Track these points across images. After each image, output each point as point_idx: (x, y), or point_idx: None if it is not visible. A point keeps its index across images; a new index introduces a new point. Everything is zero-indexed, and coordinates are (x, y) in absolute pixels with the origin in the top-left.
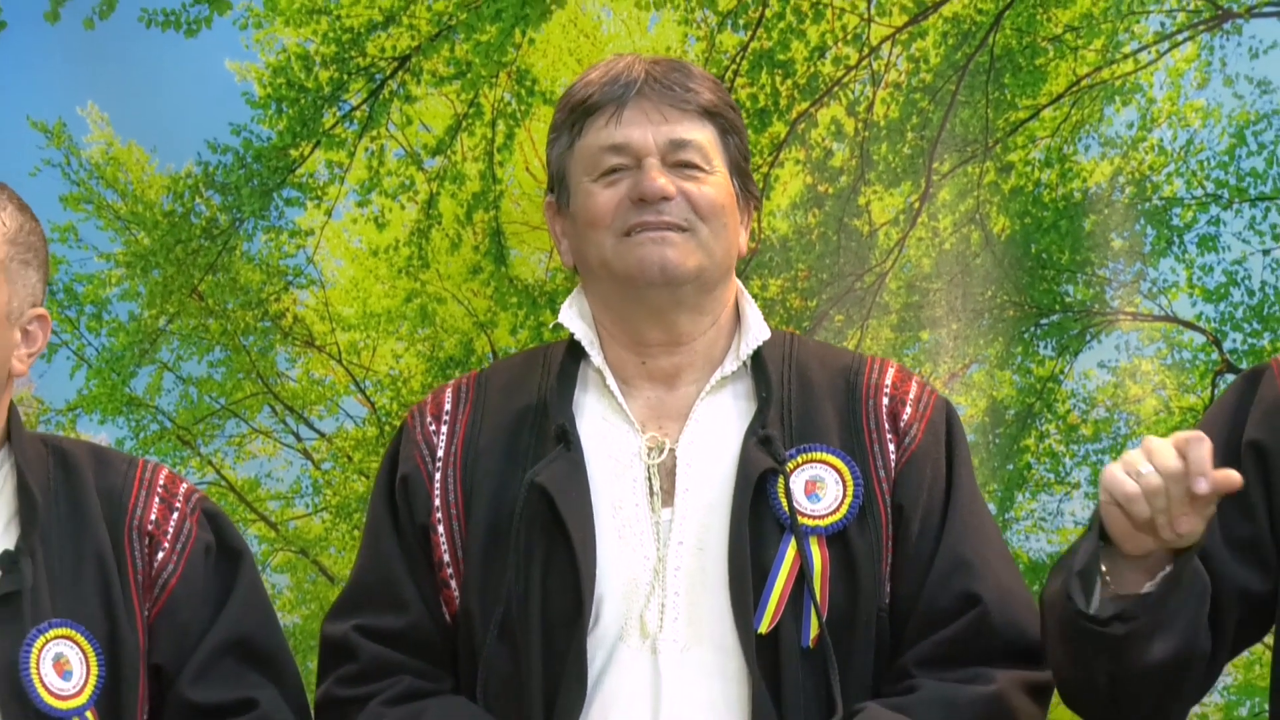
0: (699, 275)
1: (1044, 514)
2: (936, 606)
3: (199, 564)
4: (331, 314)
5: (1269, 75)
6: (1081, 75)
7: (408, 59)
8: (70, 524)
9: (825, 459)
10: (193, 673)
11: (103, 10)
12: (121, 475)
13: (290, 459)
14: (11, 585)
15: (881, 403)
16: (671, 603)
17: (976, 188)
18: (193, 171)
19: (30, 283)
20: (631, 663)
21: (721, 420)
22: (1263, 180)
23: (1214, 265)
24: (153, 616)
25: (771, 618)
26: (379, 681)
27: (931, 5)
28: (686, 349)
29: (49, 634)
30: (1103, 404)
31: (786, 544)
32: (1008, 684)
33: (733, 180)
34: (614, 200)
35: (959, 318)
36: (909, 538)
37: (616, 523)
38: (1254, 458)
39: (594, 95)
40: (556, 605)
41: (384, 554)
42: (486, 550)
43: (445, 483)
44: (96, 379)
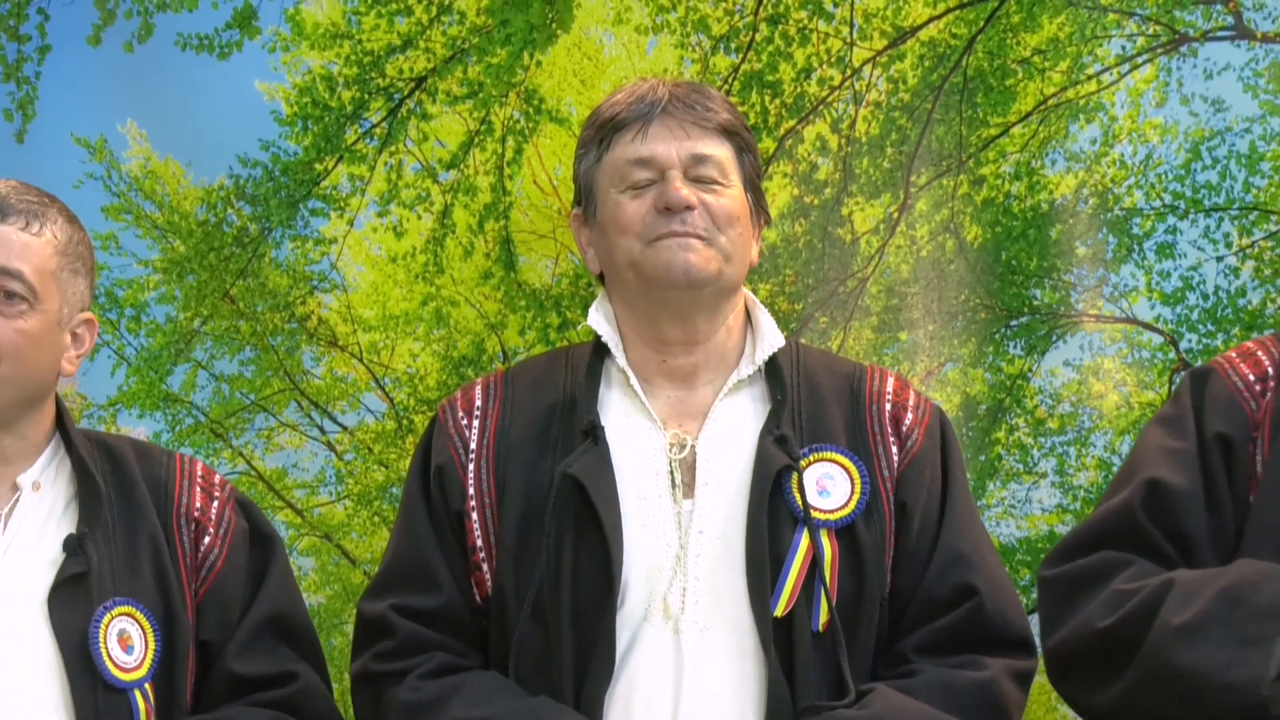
0: (718, 279)
1: (1013, 502)
2: (935, 596)
3: (240, 548)
4: (353, 316)
5: (1222, 95)
6: (1048, 95)
7: (424, 80)
8: (124, 511)
9: (835, 458)
10: (237, 647)
11: (141, 35)
12: (164, 467)
13: (315, 450)
14: (79, 566)
15: (885, 409)
16: (692, 586)
17: (951, 199)
18: (225, 184)
19: (79, 290)
20: (655, 641)
21: (738, 420)
22: (1216, 192)
23: (1171, 271)
24: (200, 596)
25: (787, 602)
26: (415, 657)
27: (909, 30)
28: (703, 348)
29: (114, 611)
30: (1068, 400)
31: (800, 535)
32: (998, 670)
33: (747, 194)
34: (641, 210)
35: (935, 319)
36: (910, 533)
37: (641, 512)
38: (1221, 450)
39: (621, 114)
40: (587, 586)
41: (419, 539)
42: (520, 535)
43: (479, 472)
44: (136, 376)
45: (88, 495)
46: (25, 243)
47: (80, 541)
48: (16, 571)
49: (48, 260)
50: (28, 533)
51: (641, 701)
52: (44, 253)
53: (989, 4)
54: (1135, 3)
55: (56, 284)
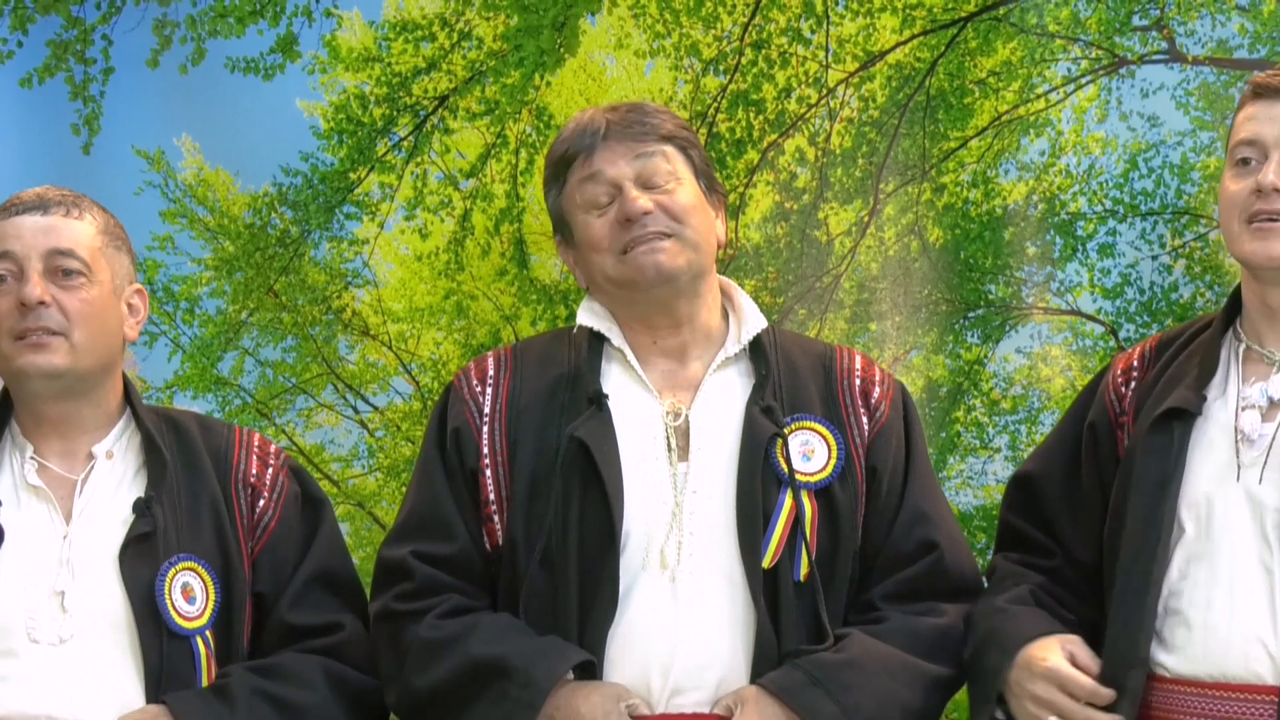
0: (689, 269)
1: (971, 474)
2: (900, 551)
3: (292, 510)
4: (383, 308)
5: (1157, 112)
6: (1002, 112)
7: (446, 98)
8: (187, 477)
9: (814, 427)
10: (289, 599)
11: (194, 58)
12: (224, 438)
13: (349, 428)
14: (147, 526)
15: (855, 384)
16: (687, 540)
17: (915, 205)
18: (269, 191)
19: (124, 264)
20: (653, 588)
21: (726, 392)
22: (1152, 199)
23: (1111, 269)
24: (255, 553)
25: (774, 555)
26: (432, 598)
27: (878, 54)
28: (688, 327)
29: (178, 566)
30: (1019, 383)
31: (785, 495)
32: (955, 617)
33: (699, 183)
34: (607, 226)
35: (901, 312)
36: (879, 494)
37: (640, 472)
38: (1090, 438)
39: (570, 148)
40: (591, 537)
41: (436, 493)
42: (530, 491)
43: (492, 434)
44: (190, 362)
45: (154, 463)
46: (72, 227)
47: (148, 504)
48: (91, 531)
49: (94, 239)
50: (101, 497)
51: (640, 641)
52: (89, 233)
53: (949, 31)
54: (1079, 29)
55: (105, 259)
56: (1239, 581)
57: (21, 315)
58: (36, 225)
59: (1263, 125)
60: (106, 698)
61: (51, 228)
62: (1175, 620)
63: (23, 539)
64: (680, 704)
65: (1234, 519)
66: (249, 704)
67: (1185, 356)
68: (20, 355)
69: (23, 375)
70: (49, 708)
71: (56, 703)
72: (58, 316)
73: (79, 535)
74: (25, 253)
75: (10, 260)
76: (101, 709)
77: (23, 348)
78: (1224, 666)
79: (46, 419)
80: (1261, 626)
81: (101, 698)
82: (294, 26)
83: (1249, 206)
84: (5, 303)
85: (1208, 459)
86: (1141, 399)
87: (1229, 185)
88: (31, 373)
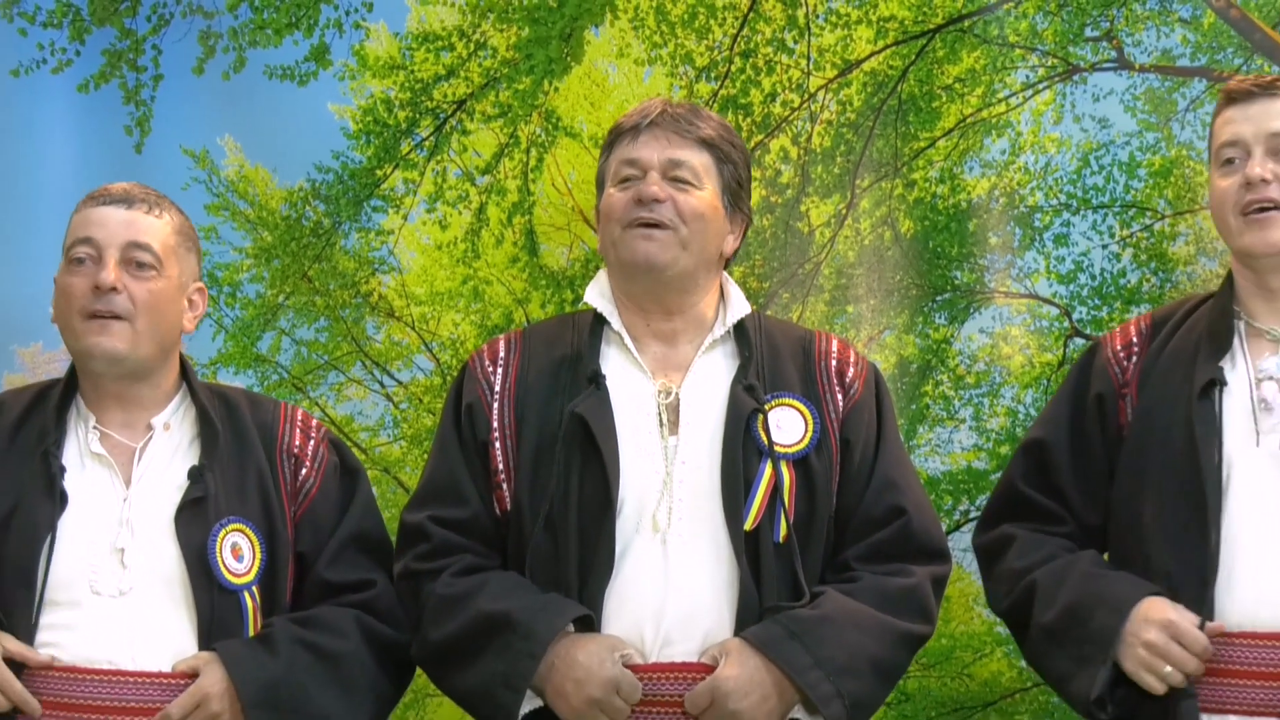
0: (675, 264)
1: (938, 443)
2: (871, 516)
3: (331, 478)
4: (407, 292)
5: (1107, 114)
6: (966, 115)
7: (464, 102)
8: (236, 447)
9: (792, 404)
10: (327, 558)
11: (236, 66)
12: (270, 412)
13: (376, 401)
14: (200, 492)
15: (831, 365)
16: (677, 506)
17: (888, 199)
18: (303, 186)
19: (191, 264)
20: (646, 550)
21: (714, 372)
22: (1102, 193)
23: (1066, 257)
24: (298, 516)
25: (755, 518)
26: (447, 558)
27: (855, 62)
28: (679, 316)
29: (228, 527)
30: (982, 360)
31: (765, 465)
32: (922, 577)
33: (723, 197)
34: (624, 200)
35: (875, 296)
36: (852, 464)
37: (634, 445)
38: (1097, 407)
39: (625, 123)
40: (590, 503)
41: (451, 463)
42: (535, 462)
43: (502, 410)
44: (232, 341)
45: (207, 435)
46: (151, 223)
47: (200, 472)
48: (149, 494)
49: (169, 238)
50: (159, 464)
51: (634, 597)
52: (165, 232)
53: (919, 41)
54: (1036, 40)
55: (176, 258)
56: (1265, 538)
57: (94, 297)
58: (120, 218)
59: (1241, 126)
60: (162, 646)
61: (133, 222)
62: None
63: (86, 501)
64: (670, 654)
65: (1256, 481)
66: (290, 651)
67: (1184, 332)
68: (88, 335)
69: (87, 355)
70: (109, 654)
71: (116, 650)
72: (126, 303)
73: (138, 498)
74: (107, 241)
75: (92, 245)
76: (157, 656)
77: (90, 327)
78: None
79: (109, 394)
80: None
81: (157, 646)
82: (326, 37)
83: (1240, 199)
84: (82, 282)
85: (1230, 426)
86: (1145, 372)
87: (1219, 184)
88: (96, 354)
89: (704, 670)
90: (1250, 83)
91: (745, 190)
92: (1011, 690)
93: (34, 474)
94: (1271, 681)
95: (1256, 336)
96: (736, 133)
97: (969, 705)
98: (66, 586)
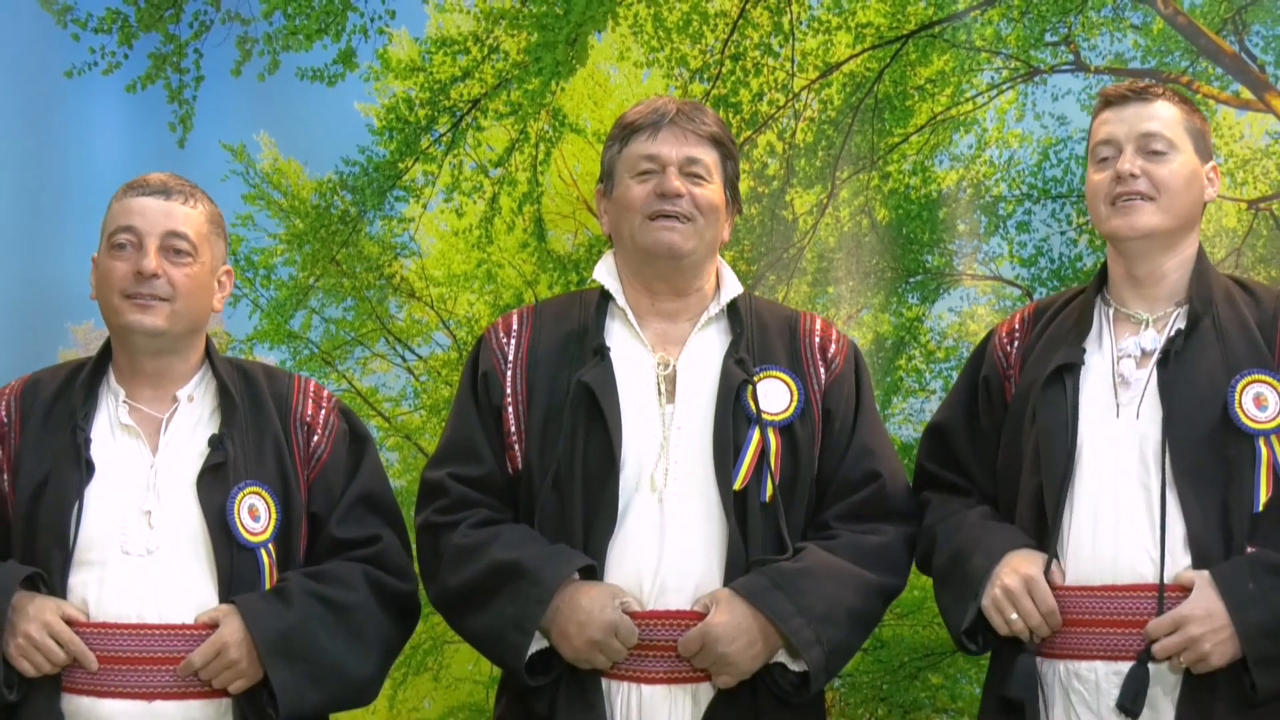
0: (693, 253)
1: (911, 412)
2: (849, 479)
3: (341, 444)
4: (426, 275)
5: (1065, 112)
6: (937, 113)
7: (479, 101)
8: (254, 417)
9: (779, 376)
10: (337, 518)
11: (270, 68)
12: (285, 384)
13: (398, 374)
14: (220, 458)
15: (814, 341)
16: (673, 468)
17: (866, 189)
18: (332, 178)
19: (221, 248)
20: (644, 507)
21: (708, 346)
22: (1060, 184)
23: (1027, 242)
24: (310, 479)
25: (743, 480)
26: (464, 511)
27: (835, 64)
28: (683, 298)
29: (245, 490)
30: (951, 336)
31: (753, 431)
32: (894, 536)
33: (725, 190)
34: (644, 193)
35: (854, 278)
36: (833, 432)
37: (635, 412)
38: (985, 390)
39: (640, 120)
40: (594, 464)
41: (468, 425)
42: (544, 426)
43: (514, 378)
44: (267, 319)
45: (227, 406)
46: (187, 213)
47: (220, 439)
48: (174, 461)
49: (202, 226)
50: (183, 433)
51: (633, 551)
52: (199, 220)
53: (894, 46)
54: (1001, 45)
55: (208, 244)
56: (1122, 500)
57: (136, 282)
58: (159, 207)
59: (1115, 127)
60: (186, 599)
61: (170, 211)
62: (1071, 536)
63: (115, 468)
64: (666, 602)
65: (1115, 449)
66: (303, 602)
67: (1060, 319)
68: (128, 313)
69: (128, 330)
70: (138, 608)
71: (144, 604)
72: (165, 287)
73: (164, 465)
74: (147, 229)
75: (132, 233)
76: (181, 608)
77: (131, 306)
78: (1114, 570)
79: (143, 371)
80: (1143, 535)
81: (182, 599)
82: (353, 42)
83: (1111, 191)
84: (123, 267)
85: (1090, 402)
86: (1025, 355)
87: (1093, 178)
88: (136, 330)
89: (696, 617)
90: (1125, 88)
91: (739, 182)
92: None
93: (64, 446)
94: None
95: (1123, 320)
96: (730, 130)
97: (938, 651)
98: (98, 546)
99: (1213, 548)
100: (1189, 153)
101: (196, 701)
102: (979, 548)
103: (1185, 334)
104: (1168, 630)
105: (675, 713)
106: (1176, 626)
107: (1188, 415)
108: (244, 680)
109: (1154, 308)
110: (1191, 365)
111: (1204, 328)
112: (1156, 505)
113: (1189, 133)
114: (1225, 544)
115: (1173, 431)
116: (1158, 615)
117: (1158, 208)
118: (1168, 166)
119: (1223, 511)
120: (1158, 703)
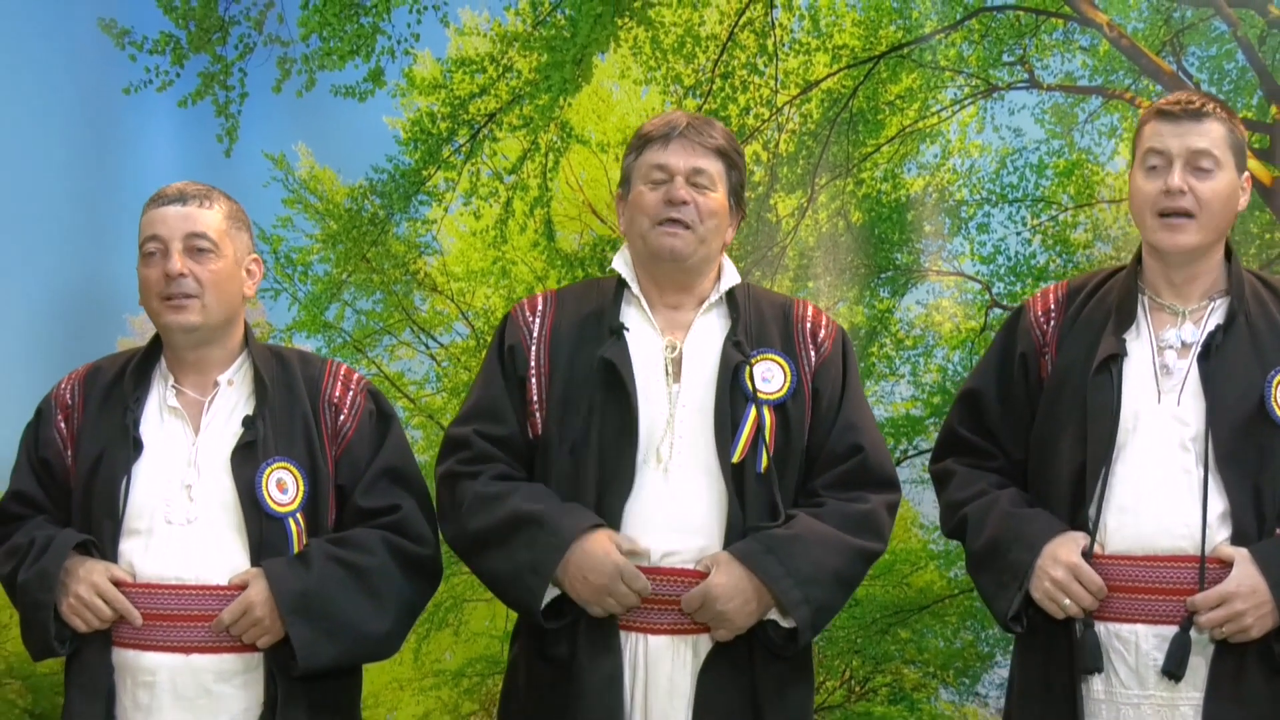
0: (694, 255)
1: (882, 394)
2: (835, 452)
3: (366, 422)
4: (447, 271)
5: (1020, 125)
6: (906, 125)
7: (494, 115)
8: (286, 398)
9: (774, 358)
10: (362, 489)
11: (307, 86)
12: (317, 369)
13: (422, 360)
14: (251, 437)
15: (806, 326)
16: (678, 443)
17: (842, 194)
18: (363, 184)
19: (244, 240)
20: (651, 478)
21: (710, 331)
22: (1017, 190)
23: (986, 242)
24: (338, 454)
25: (741, 452)
26: (486, 464)
27: (815, 82)
28: (688, 293)
29: (274, 465)
30: (918, 326)
31: (750, 409)
32: (877, 504)
33: (730, 198)
34: (655, 200)
35: (831, 274)
36: (821, 409)
37: (646, 389)
38: (1022, 364)
39: (654, 131)
40: (611, 433)
41: (494, 390)
42: (564, 398)
43: (538, 353)
44: (304, 311)
45: (260, 389)
46: (204, 214)
47: (253, 420)
48: (213, 441)
49: (221, 223)
50: (222, 414)
51: (640, 515)
52: (217, 218)
53: (867, 65)
54: (963, 64)
55: (229, 238)
56: (1164, 477)
57: (166, 283)
58: (178, 214)
59: (1168, 139)
60: (220, 564)
61: (189, 216)
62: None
63: (161, 446)
64: (671, 562)
65: (1157, 432)
66: (322, 565)
67: (1095, 302)
68: (166, 314)
69: (167, 329)
70: (178, 571)
71: (184, 567)
72: (193, 284)
73: (204, 443)
74: (169, 236)
75: (158, 240)
76: (217, 572)
77: (167, 308)
78: (1154, 542)
79: (185, 360)
80: (1185, 511)
81: (217, 563)
82: (381, 62)
83: (1159, 203)
84: (154, 273)
85: (1134, 388)
86: (1063, 334)
87: (1142, 185)
88: (174, 328)
89: (698, 576)
90: (1182, 105)
91: (744, 190)
92: (941, 596)
93: (116, 426)
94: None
95: (1159, 310)
96: (738, 141)
97: (907, 609)
98: (144, 516)
99: (1249, 526)
100: (1230, 169)
101: (230, 655)
102: (1019, 539)
103: (1224, 329)
104: (1214, 604)
105: (678, 661)
106: (1222, 601)
107: (1228, 405)
108: (269, 636)
109: (1188, 301)
110: (1230, 359)
111: (1239, 323)
112: (1198, 484)
113: (1232, 148)
114: (1259, 523)
115: (1215, 420)
116: (1199, 585)
117: (1199, 226)
118: (1211, 185)
119: (1256, 494)
120: (1193, 664)
